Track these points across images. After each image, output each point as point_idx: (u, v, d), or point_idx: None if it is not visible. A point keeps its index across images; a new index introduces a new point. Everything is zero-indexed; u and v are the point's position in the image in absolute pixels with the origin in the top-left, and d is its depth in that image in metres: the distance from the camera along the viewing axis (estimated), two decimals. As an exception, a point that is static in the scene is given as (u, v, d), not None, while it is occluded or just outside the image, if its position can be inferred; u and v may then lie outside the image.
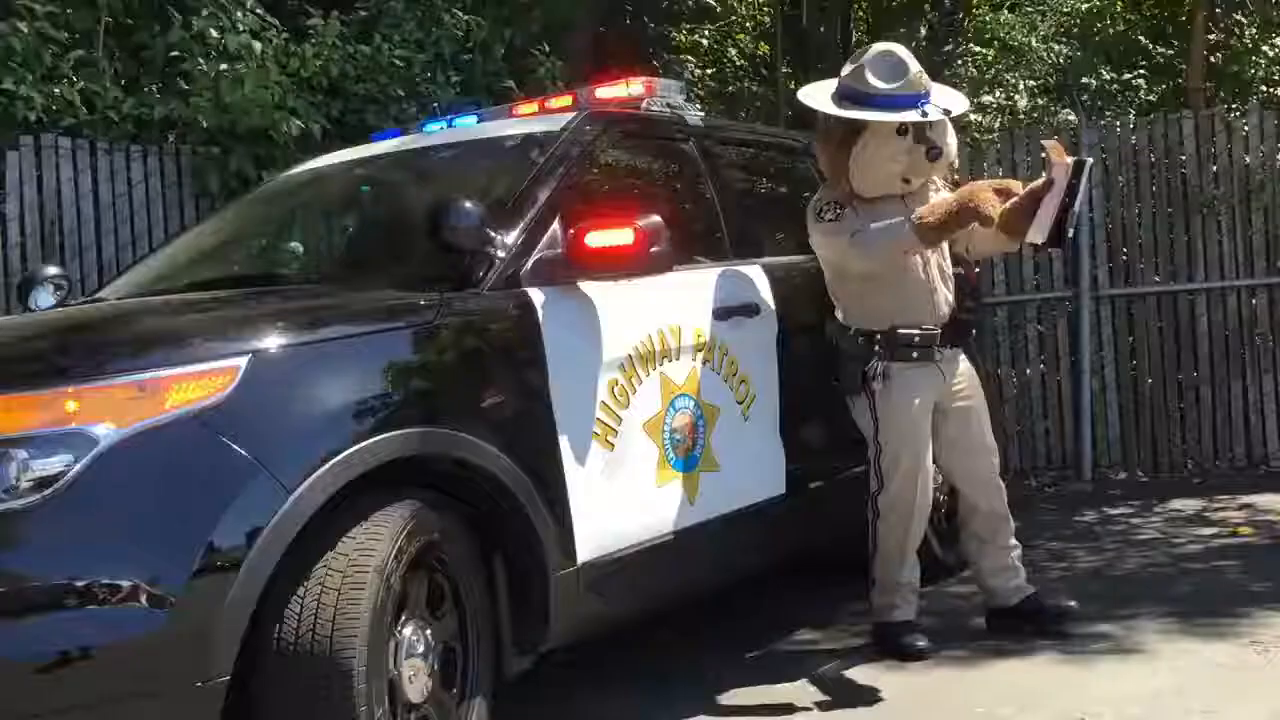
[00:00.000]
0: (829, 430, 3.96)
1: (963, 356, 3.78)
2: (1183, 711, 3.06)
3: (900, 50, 3.58)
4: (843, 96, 3.57)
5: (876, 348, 3.62)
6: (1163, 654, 3.53)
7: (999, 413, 4.03)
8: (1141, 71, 8.95)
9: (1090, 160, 3.38)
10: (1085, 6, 9.38)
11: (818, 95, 3.64)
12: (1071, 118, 7.51)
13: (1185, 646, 3.59)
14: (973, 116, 8.70)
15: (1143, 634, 3.73)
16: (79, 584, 2.17)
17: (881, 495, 3.69)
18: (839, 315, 3.76)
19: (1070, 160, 3.32)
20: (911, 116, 3.47)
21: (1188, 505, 5.76)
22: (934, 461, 3.74)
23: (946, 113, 3.52)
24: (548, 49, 7.32)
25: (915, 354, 3.60)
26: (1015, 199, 3.42)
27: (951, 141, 3.65)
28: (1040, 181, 3.39)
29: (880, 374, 3.61)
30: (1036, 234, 3.32)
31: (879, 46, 3.63)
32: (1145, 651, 3.57)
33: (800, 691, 3.40)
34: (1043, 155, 3.42)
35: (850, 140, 3.57)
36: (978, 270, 4.57)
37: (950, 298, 3.67)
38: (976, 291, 3.91)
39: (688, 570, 3.43)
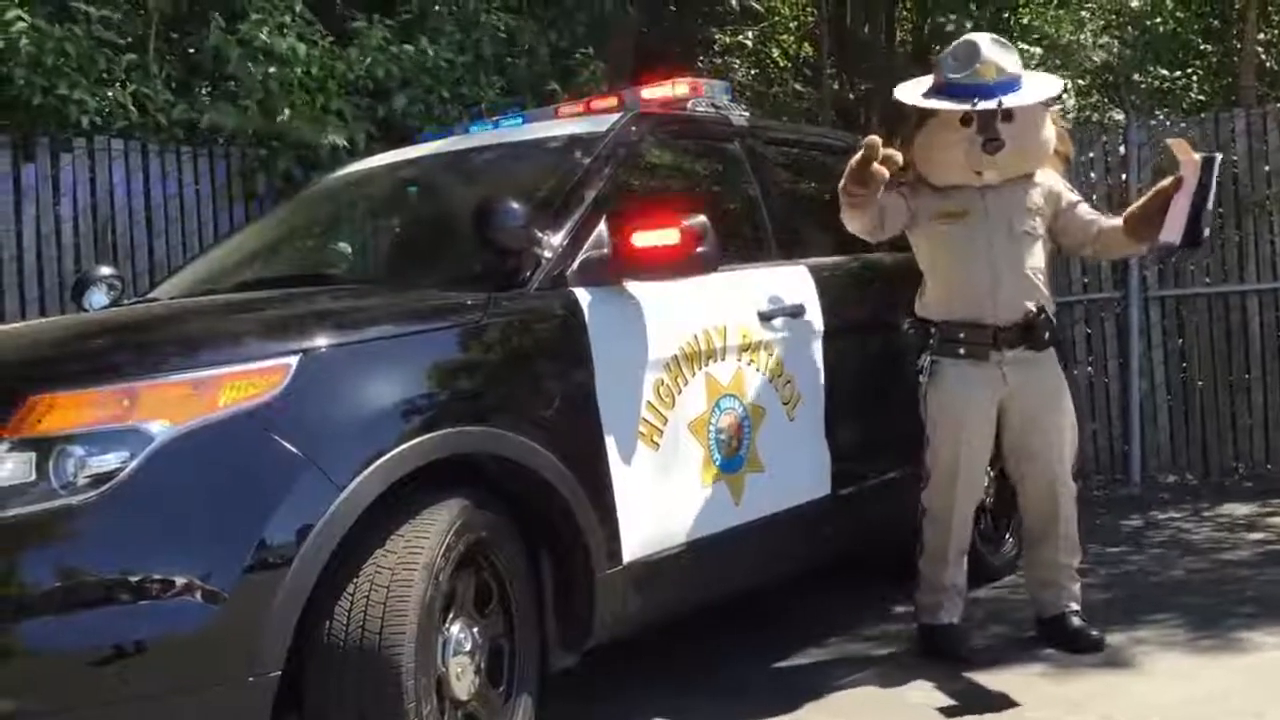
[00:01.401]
0: (875, 431, 3.94)
1: (1046, 360, 3.58)
2: (1228, 713, 3.03)
3: (982, 39, 3.51)
4: (930, 86, 3.56)
5: (930, 340, 3.61)
6: (1208, 660, 3.49)
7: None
8: (1192, 70, 8.84)
9: (1219, 155, 3.28)
10: (1135, 4, 9.29)
11: (912, 84, 3.62)
12: (1119, 116, 7.42)
13: (1231, 652, 3.54)
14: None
15: (1188, 640, 3.68)
16: (133, 579, 2.21)
17: (925, 491, 3.67)
18: (916, 302, 3.75)
19: (1199, 157, 3.24)
20: (961, 106, 3.43)
21: (1238, 510, 5.68)
22: (996, 463, 3.68)
23: (999, 104, 3.40)
24: (591, 50, 7.34)
25: (963, 350, 3.55)
26: (1141, 201, 3.36)
27: (1036, 133, 3.53)
28: (1168, 181, 3.32)
29: (928, 367, 3.59)
30: (1170, 234, 3.24)
31: (966, 36, 3.61)
32: (1191, 657, 3.53)
33: (824, 705, 3.33)
34: (1160, 155, 3.36)
35: (919, 127, 3.58)
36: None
37: (1027, 299, 3.52)
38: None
39: (732, 570, 3.44)
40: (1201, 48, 8.94)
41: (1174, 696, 3.18)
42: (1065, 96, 9.42)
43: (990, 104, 3.40)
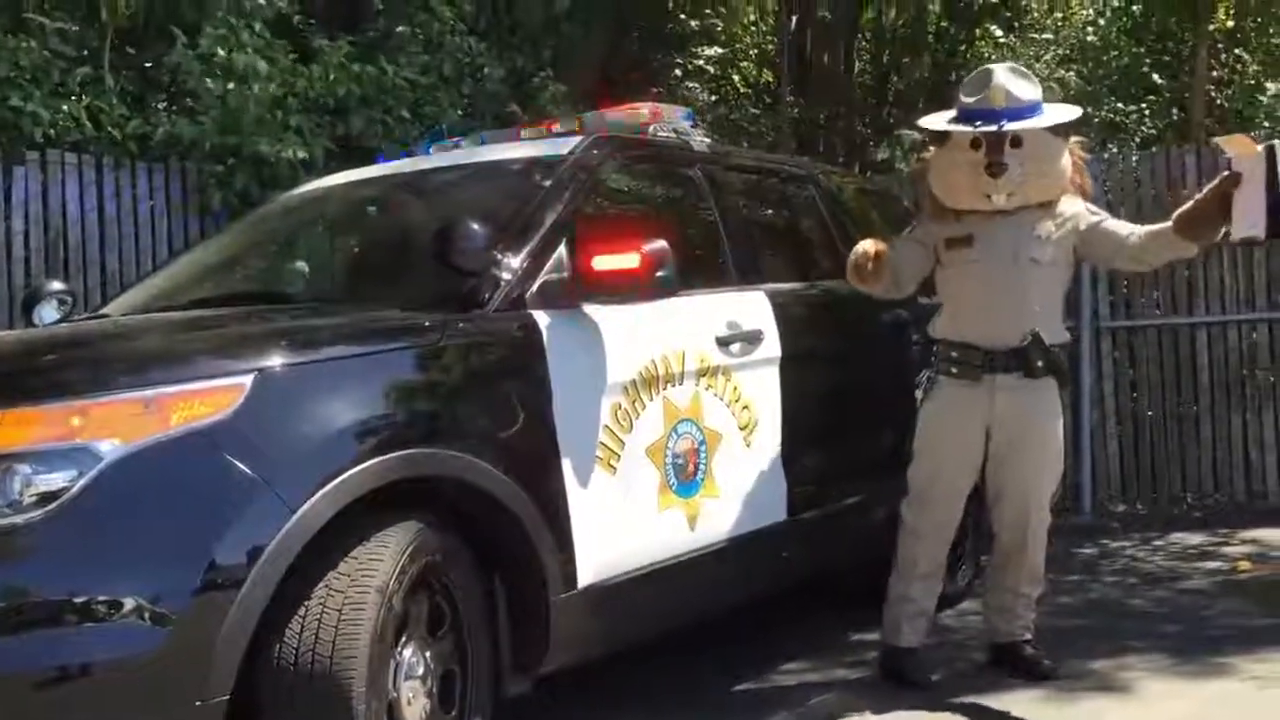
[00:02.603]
0: (833, 456, 3.96)
1: (1042, 389, 3.56)
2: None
3: (999, 67, 3.57)
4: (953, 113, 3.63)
5: (933, 358, 3.68)
6: (1159, 690, 3.53)
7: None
8: (1146, 104, 9.00)
9: (1277, 142, 3.21)
10: (1090, 39, 9.45)
11: (937, 115, 3.69)
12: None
13: (1183, 682, 3.58)
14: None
15: (1139, 669, 3.72)
16: (80, 600, 2.16)
17: (903, 503, 3.72)
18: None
19: (1261, 148, 3.18)
20: (966, 128, 3.49)
21: (1188, 539, 5.76)
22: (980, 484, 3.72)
23: (999, 127, 3.42)
24: (553, 73, 7.36)
25: (955, 370, 3.59)
26: (1195, 202, 3.33)
27: (1047, 160, 3.53)
28: (1220, 180, 3.25)
29: (926, 383, 3.65)
30: (1250, 228, 3.17)
31: (991, 65, 3.67)
32: (1141, 687, 3.56)
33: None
34: (1224, 155, 3.31)
35: (938, 150, 3.66)
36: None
37: (1026, 324, 3.51)
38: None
39: (689, 595, 3.43)
40: (1155, 82, 9.10)
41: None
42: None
43: (990, 127, 3.44)
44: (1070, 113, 3.61)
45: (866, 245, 3.58)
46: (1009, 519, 3.67)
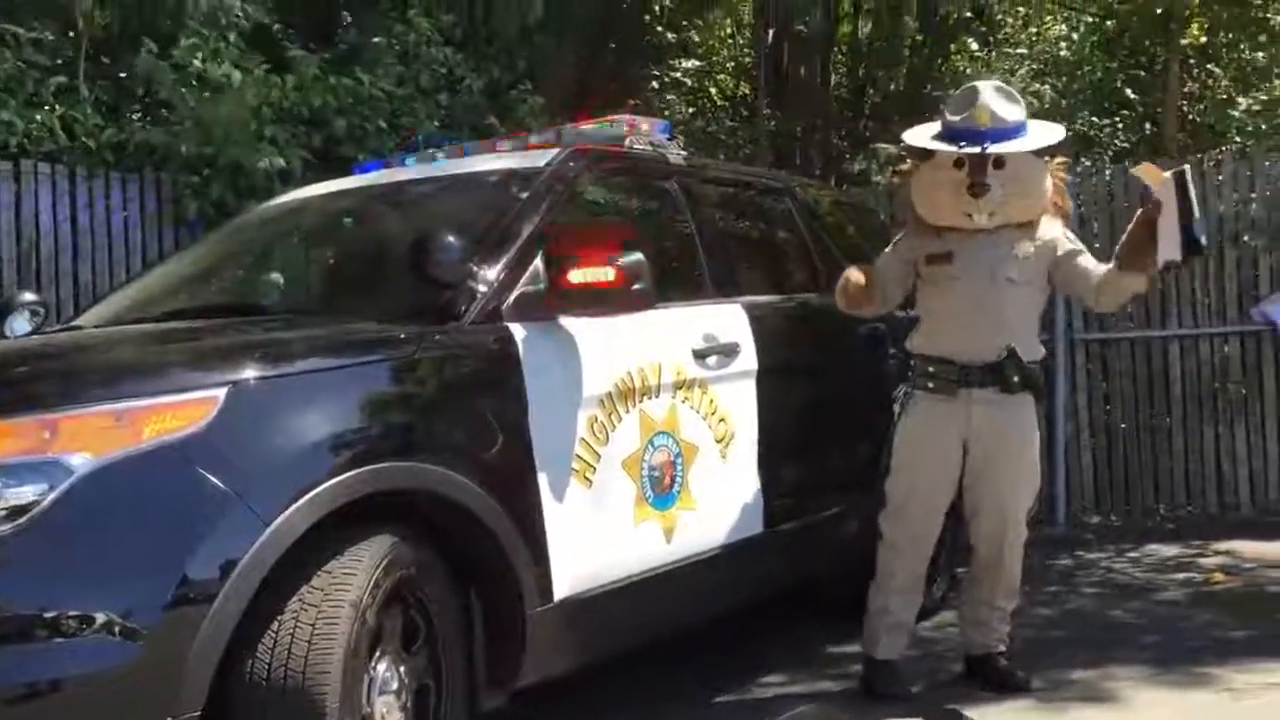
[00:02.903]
0: (810, 469, 3.97)
1: (1018, 404, 3.59)
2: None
3: (984, 86, 3.58)
4: (937, 129, 3.63)
5: (910, 372, 3.70)
6: (1136, 701, 3.54)
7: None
8: (1119, 118, 9.08)
9: (1187, 168, 3.32)
10: (1064, 54, 9.53)
11: (921, 129, 3.70)
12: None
13: (1158, 694, 3.60)
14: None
15: (1116, 681, 3.74)
16: (49, 615, 2.14)
17: (881, 517, 3.73)
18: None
19: (1169, 174, 3.29)
20: (945, 148, 3.51)
21: (1161, 551, 5.79)
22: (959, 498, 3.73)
23: (983, 149, 3.44)
24: (531, 85, 7.37)
25: (931, 385, 3.61)
26: (1126, 235, 3.42)
27: (1028, 182, 3.56)
28: (1143, 210, 3.35)
29: (903, 396, 3.67)
30: (1168, 253, 3.27)
31: (972, 83, 3.70)
32: (1122, 697, 3.58)
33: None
34: (1142, 185, 3.40)
35: (920, 166, 3.68)
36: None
37: (1002, 340, 3.55)
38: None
39: (665, 608, 3.42)
40: (1129, 96, 9.18)
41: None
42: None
43: (974, 149, 3.46)
44: (1054, 134, 3.63)
45: (856, 275, 3.63)
46: (986, 533, 3.69)
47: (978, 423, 3.58)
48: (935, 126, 3.64)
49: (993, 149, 3.46)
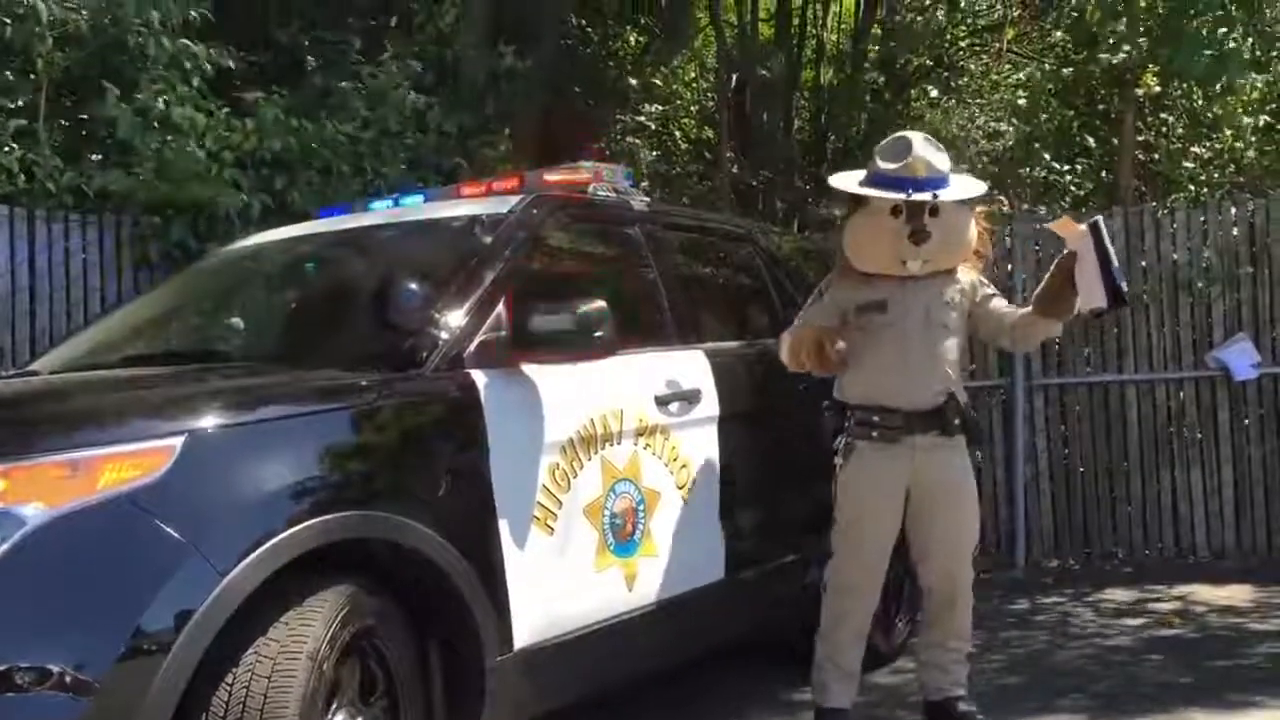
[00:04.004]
0: (771, 515, 3.97)
1: (955, 446, 3.65)
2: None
3: (915, 136, 3.64)
4: (865, 177, 3.67)
5: (846, 422, 3.68)
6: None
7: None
8: (1078, 164, 9.20)
9: (1100, 218, 3.44)
10: (1023, 102, 9.68)
11: (849, 175, 3.74)
12: (1006, 209, 7.72)
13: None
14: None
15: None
16: (0, 668, 2.10)
17: (829, 568, 3.71)
18: (835, 385, 3.80)
19: (1084, 227, 3.40)
20: (895, 195, 3.54)
21: (1118, 594, 5.82)
22: (902, 543, 3.74)
23: (934, 196, 3.51)
24: (496, 130, 7.40)
25: (875, 433, 3.62)
26: (1043, 284, 3.52)
27: (960, 230, 3.64)
28: (1059, 261, 3.47)
29: (842, 447, 3.65)
30: (1094, 301, 3.37)
31: (899, 133, 3.75)
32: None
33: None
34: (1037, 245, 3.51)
35: (851, 214, 3.71)
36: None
37: (940, 385, 3.60)
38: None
39: (627, 655, 3.41)
40: (1087, 144, 9.32)
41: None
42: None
43: (924, 195, 3.52)
44: (979, 188, 3.77)
45: (829, 338, 3.59)
46: (939, 574, 3.71)
47: (920, 468, 3.61)
48: (860, 174, 3.69)
49: (944, 196, 3.54)
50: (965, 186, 3.70)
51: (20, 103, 5.77)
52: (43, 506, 2.21)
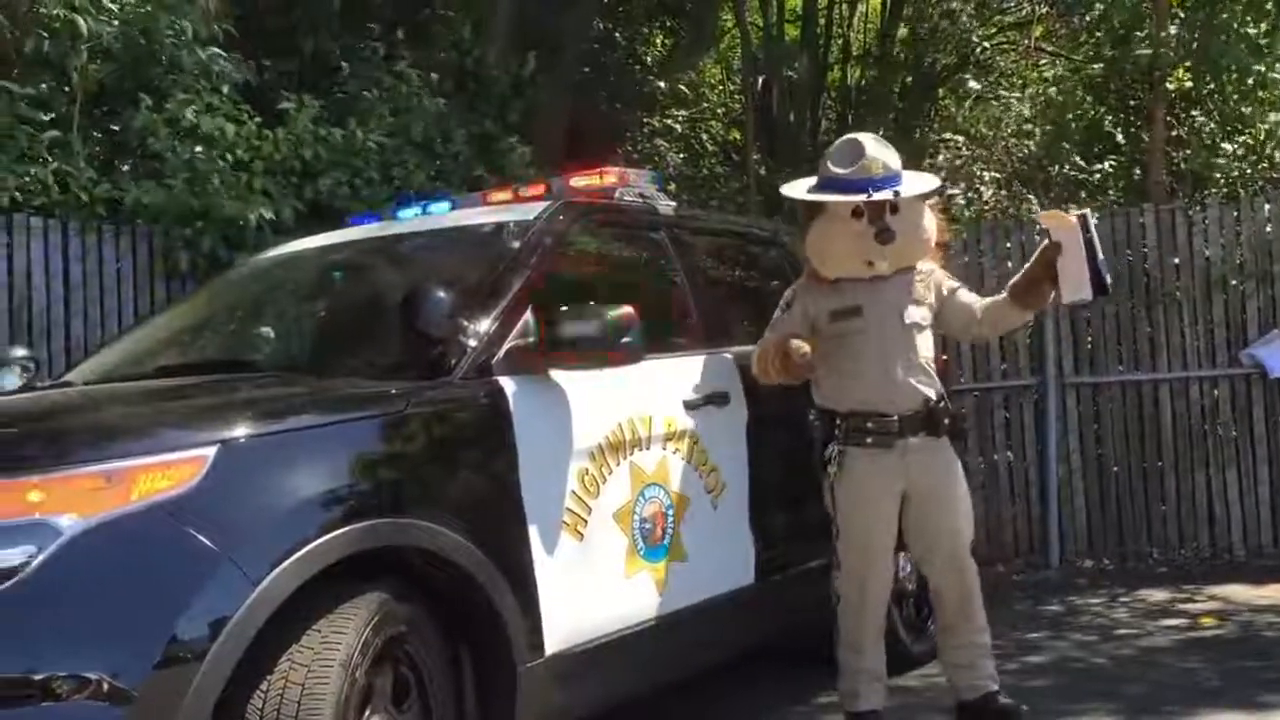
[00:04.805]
0: (800, 519, 3.96)
1: (942, 445, 3.67)
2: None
3: (865, 138, 3.63)
4: (816, 183, 3.65)
5: (836, 431, 3.66)
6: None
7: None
8: (1110, 161, 9.12)
9: (1089, 211, 3.47)
10: (1053, 91, 9.61)
11: (799, 183, 3.72)
12: (1036, 209, 7.67)
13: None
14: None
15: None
16: (39, 678, 2.13)
17: (838, 579, 3.69)
18: (814, 393, 3.78)
19: (1074, 217, 3.43)
20: (855, 198, 3.52)
21: (1153, 595, 5.77)
22: (902, 548, 3.73)
23: (895, 194, 3.50)
24: (521, 136, 7.43)
25: (870, 440, 3.60)
26: (1023, 272, 3.54)
27: (921, 226, 3.64)
28: (1042, 251, 3.50)
29: (835, 457, 3.63)
30: (1078, 292, 3.43)
31: (847, 136, 3.72)
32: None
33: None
34: (1037, 234, 3.54)
35: (809, 221, 3.67)
36: (944, 359, 4.62)
37: (923, 387, 3.61)
38: (944, 379, 3.92)
39: (657, 660, 3.41)
40: (1118, 141, 9.23)
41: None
42: (983, 189, 9.68)
43: (886, 193, 3.50)
44: (931, 183, 3.77)
45: (780, 348, 3.54)
46: (946, 570, 3.69)
47: (914, 469, 3.60)
48: (811, 181, 3.67)
49: (905, 191, 3.54)
50: (920, 182, 3.70)
51: (53, 115, 5.84)
52: (78, 517, 2.24)
